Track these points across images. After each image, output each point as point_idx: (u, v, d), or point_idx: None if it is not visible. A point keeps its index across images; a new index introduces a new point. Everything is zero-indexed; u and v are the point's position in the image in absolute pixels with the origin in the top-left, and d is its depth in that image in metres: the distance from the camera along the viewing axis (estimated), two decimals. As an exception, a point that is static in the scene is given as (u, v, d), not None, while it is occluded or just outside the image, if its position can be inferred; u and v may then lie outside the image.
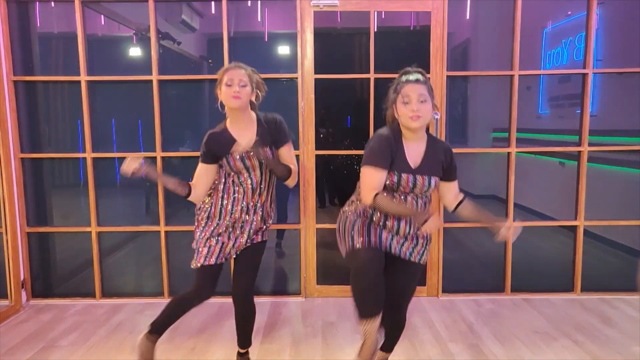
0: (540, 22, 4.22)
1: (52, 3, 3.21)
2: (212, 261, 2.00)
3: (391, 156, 1.78)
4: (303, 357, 2.45)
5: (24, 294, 3.22)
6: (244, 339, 2.22)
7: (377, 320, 1.73)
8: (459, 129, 3.78)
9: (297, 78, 3.14)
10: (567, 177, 3.43)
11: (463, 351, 2.47)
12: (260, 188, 2.05)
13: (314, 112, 3.16)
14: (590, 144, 3.19)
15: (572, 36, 3.91)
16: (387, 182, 1.79)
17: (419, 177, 1.80)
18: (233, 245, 2.05)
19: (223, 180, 2.04)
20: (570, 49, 4.01)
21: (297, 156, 3.16)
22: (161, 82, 3.14)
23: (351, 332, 2.72)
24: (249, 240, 2.08)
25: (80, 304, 3.21)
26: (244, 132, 2.01)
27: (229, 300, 2.18)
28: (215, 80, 2.03)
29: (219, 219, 2.03)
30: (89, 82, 3.13)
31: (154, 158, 3.13)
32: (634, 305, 3.07)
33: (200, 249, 2.02)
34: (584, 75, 3.19)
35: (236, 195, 2.02)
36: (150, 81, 3.11)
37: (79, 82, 3.11)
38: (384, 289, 1.77)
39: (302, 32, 3.12)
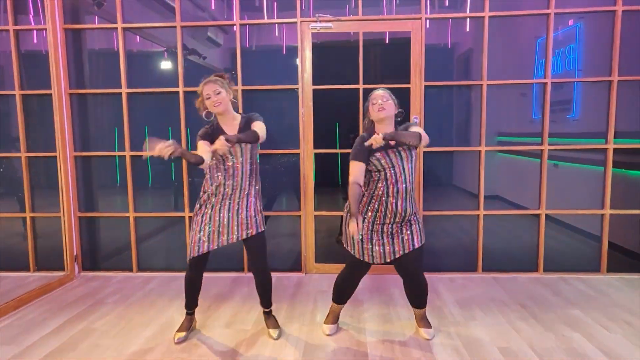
0: (534, 33, 4.54)
1: (97, 28, 3.94)
2: (201, 252, 2.53)
3: (369, 148, 2.32)
4: (297, 312, 3.04)
5: (76, 266, 3.94)
6: (266, 300, 2.75)
7: (343, 305, 2.74)
8: (464, 133, 4.10)
9: (297, 88, 3.75)
10: (561, 176, 3.88)
11: (428, 312, 3.00)
12: (242, 172, 2.53)
13: (312, 117, 3.76)
14: (546, 145, 3.67)
15: (562, 47, 4.30)
16: (382, 161, 2.39)
17: (400, 149, 2.43)
18: (225, 227, 2.54)
19: (214, 164, 2.53)
20: (562, 58, 4.41)
21: (298, 154, 3.80)
22: (186, 93, 3.80)
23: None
24: (247, 231, 2.56)
25: (121, 276, 3.90)
26: (232, 123, 2.55)
27: (241, 274, 2.79)
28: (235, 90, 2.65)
29: (214, 197, 2.54)
30: (128, 94, 3.83)
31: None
32: (588, 283, 3.52)
33: (191, 245, 2.54)
34: (544, 84, 3.68)
35: (220, 175, 2.52)
36: (177, 92, 3.79)
37: (120, 93, 3.82)
38: (354, 290, 2.68)
39: (302, 50, 3.73)
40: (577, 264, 3.77)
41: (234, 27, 3.75)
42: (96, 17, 3.95)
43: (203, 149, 2.43)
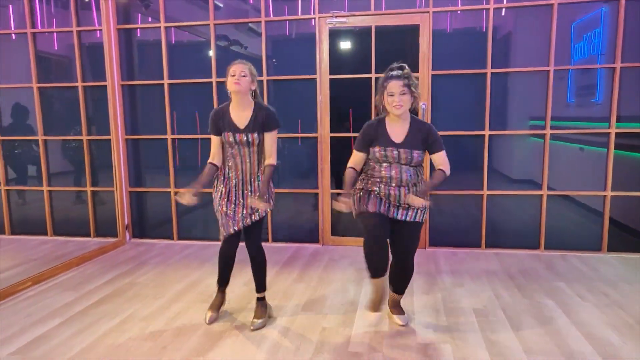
0: (570, 17, 4.43)
1: (143, 27, 4.51)
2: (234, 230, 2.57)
3: (372, 138, 2.40)
4: (307, 275, 3.50)
5: (127, 234, 4.60)
6: (262, 282, 2.74)
7: (382, 279, 2.36)
8: (500, 117, 4.11)
9: (316, 78, 4.15)
10: (589, 159, 3.98)
11: (420, 278, 3.36)
12: (250, 161, 2.54)
13: (329, 104, 4.15)
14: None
15: (589, 32, 4.17)
16: (377, 154, 2.40)
17: (401, 150, 2.37)
18: (235, 213, 2.57)
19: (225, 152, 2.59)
20: (588, 43, 4.42)
21: (316, 138, 4.21)
22: (218, 83, 4.30)
23: (347, 265, 3.72)
24: (249, 217, 2.56)
25: (164, 243, 4.53)
26: (241, 113, 2.51)
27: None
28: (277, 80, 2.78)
29: (223, 184, 2.60)
30: (169, 84, 4.39)
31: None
32: (585, 260, 3.72)
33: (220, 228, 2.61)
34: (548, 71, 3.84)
35: (230, 164, 2.57)
36: (211, 82, 4.31)
37: (162, 84, 4.39)
38: (387, 251, 2.34)
39: (320, 42, 4.11)
40: (579, 242, 3.95)
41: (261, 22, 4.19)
42: (147, 16, 4.52)
43: (213, 144, 2.59)
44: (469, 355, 2.28)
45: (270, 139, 2.55)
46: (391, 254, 2.48)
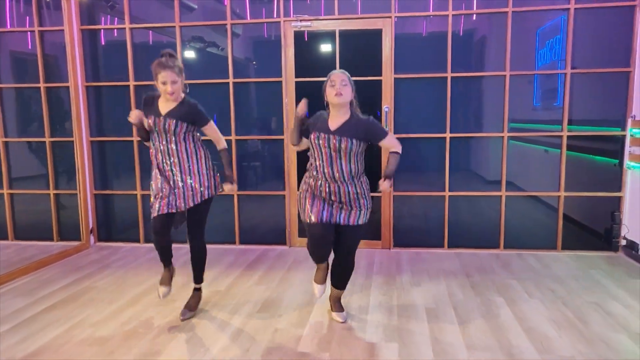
0: (536, 23, 4.55)
1: (108, 28, 4.48)
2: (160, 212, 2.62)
3: (312, 125, 2.49)
4: (268, 277, 3.52)
5: (92, 237, 4.56)
6: (200, 274, 2.89)
7: (324, 263, 2.60)
8: (476, 120, 4.22)
9: (281, 81, 4.18)
10: (553, 161, 4.02)
11: (379, 278, 3.42)
12: (169, 150, 2.61)
13: (294, 106, 4.18)
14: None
15: (550, 38, 4.31)
16: (313, 142, 2.45)
17: (335, 137, 2.40)
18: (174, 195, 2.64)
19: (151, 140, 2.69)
20: (550, 49, 4.56)
21: (282, 140, 4.24)
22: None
23: (310, 266, 3.74)
24: (186, 201, 2.64)
25: (129, 246, 4.50)
26: (168, 104, 2.62)
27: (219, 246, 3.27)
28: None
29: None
30: (135, 86, 4.37)
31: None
32: (540, 259, 3.83)
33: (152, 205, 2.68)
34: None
35: (154, 152, 2.67)
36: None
37: (128, 86, 4.37)
38: (330, 248, 2.55)
39: (285, 46, 4.14)
40: (537, 241, 4.06)
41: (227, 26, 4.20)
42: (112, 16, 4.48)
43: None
44: (414, 354, 2.33)
45: (211, 131, 2.73)
46: (333, 251, 2.63)
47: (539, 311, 2.79)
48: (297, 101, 4.12)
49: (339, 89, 2.39)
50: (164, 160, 2.63)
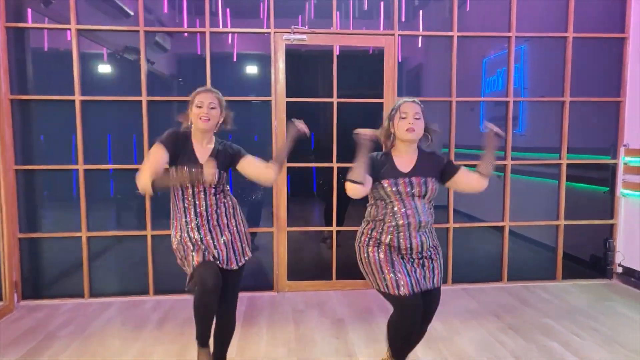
0: (481, 52, 4.71)
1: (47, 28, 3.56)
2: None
3: (376, 170, 2.05)
4: (279, 334, 2.90)
5: (15, 295, 3.48)
6: (224, 352, 2.29)
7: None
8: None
9: (271, 100, 3.63)
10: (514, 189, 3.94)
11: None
12: (207, 205, 2.12)
13: (285, 129, 3.65)
14: (515, 159, 3.87)
15: (504, 66, 4.53)
16: (387, 189, 2.04)
17: (413, 179, 2.05)
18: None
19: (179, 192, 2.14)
20: (503, 77, 4.66)
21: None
22: (151, 102, 3.54)
23: (319, 316, 3.20)
24: (237, 259, 2.17)
25: (70, 303, 3.51)
26: (201, 151, 2.12)
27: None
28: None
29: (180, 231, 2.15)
30: (82, 101, 3.49)
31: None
32: (548, 290, 3.73)
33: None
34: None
35: (184, 206, 2.12)
36: (140, 101, 3.52)
37: (72, 100, 3.47)
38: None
39: (276, 61, 3.62)
40: (536, 272, 3.98)
41: (203, 33, 3.56)
42: (42, 15, 3.57)
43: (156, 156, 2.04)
44: None
45: (251, 162, 2.21)
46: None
47: (600, 354, 2.63)
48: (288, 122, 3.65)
49: (412, 123, 2.03)
50: (200, 218, 2.11)
